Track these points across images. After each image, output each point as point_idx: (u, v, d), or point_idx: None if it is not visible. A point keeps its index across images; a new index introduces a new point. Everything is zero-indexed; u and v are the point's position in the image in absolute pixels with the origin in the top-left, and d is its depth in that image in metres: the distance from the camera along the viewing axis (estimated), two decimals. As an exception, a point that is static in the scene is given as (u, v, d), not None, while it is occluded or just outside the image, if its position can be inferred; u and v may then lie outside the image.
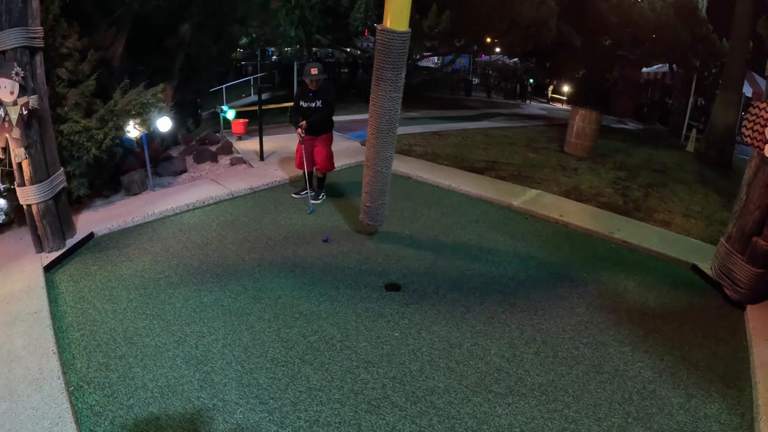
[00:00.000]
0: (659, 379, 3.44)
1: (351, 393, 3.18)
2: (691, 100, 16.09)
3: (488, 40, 17.88)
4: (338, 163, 8.34)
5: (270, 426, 2.89)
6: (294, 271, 4.74)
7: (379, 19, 14.73)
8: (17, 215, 5.29)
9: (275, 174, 7.60)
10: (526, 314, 4.18)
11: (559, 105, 24.26)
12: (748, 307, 4.38)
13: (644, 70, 23.07)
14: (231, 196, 6.62)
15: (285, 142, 9.88)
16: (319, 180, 6.71)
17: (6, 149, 4.41)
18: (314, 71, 5.95)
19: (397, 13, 4.56)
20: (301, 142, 6.32)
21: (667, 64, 19.08)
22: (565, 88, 24.52)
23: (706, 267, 5.03)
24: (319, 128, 6.27)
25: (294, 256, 5.07)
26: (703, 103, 18.71)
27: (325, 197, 6.78)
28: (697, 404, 3.22)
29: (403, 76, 4.85)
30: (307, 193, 6.62)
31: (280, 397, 3.12)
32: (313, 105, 6.15)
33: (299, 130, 6.12)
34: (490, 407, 3.09)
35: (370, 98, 4.94)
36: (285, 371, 3.36)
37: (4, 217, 5.17)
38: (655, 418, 3.06)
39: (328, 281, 4.58)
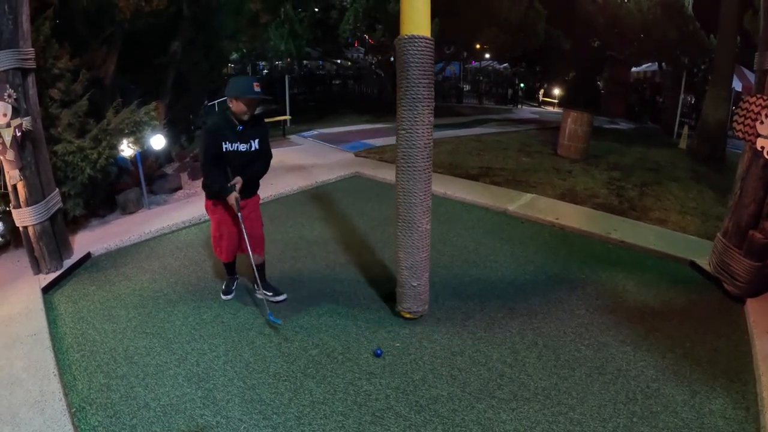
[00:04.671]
0: (662, 377, 3.43)
1: (354, 405, 3.16)
2: (681, 97, 16.18)
3: (477, 46, 17.96)
4: (334, 175, 8.43)
5: (274, 441, 2.87)
6: (293, 284, 4.72)
7: (369, 29, 14.88)
8: (14, 237, 5.28)
9: (269, 189, 7.59)
10: (526, 318, 4.17)
11: (550, 108, 24.39)
12: (748, 301, 4.38)
13: (634, 69, 23.21)
14: (227, 211, 6.61)
15: (277, 156, 9.78)
16: (260, 268, 4.37)
17: (0, 172, 4.41)
18: (258, 87, 3.71)
19: (424, 16, 3.61)
20: (234, 214, 3.97)
21: (656, 63, 19.21)
22: (556, 91, 24.65)
23: (704, 263, 5.04)
24: (256, 184, 4.20)
25: (292, 269, 5.06)
26: (694, 99, 18.83)
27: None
28: (702, 400, 3.21)
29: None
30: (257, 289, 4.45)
31: (283, 411, 3.10)
32: (247, 148, 3.85)
33: (234, 195, 3.81)
34: (495, 413, 3.08)
35: (400, 128, 3.84)
36: (287, 385, 3.34)
37: (0, 239, 5.16)
38: (660, 417, 3.05)
39: (327, 294, 4.57)
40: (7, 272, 4.92)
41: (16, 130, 4.22)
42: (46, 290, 4.54)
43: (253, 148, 3.87)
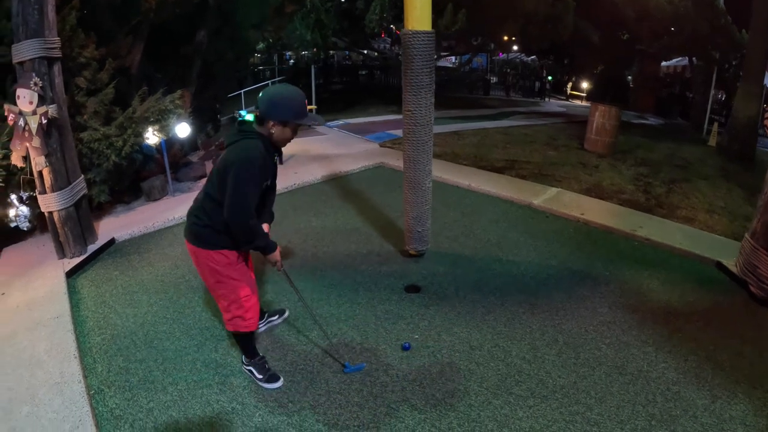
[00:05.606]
0: (683, 380, 3.34)
1: (370, 396, 3.15)
2: (711, 93, 15.78)
3: (505, 38, 17.74)
4: (358, 165, 8.41)
5: (288, 429, 2.88)
6: (314, 273, 4.74)
7: (396, 20, 14.78)
8: (40, 222, 5.38)
9: (294, 177, 7.62)
10: (547, 315, 4.10)
11: (578, 102, 24.02)
12: (775, 305, 4.25)
13: (663, 63, 22.71)
14: (249, 200, 6.63)
15: (302, 145, 9.94)
16: None
17: (27, 158, 4.50)
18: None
19: (425, 13, 4.22)
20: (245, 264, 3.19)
21: (687, 58, 18.76)
22: (585, 85, 24.25)
23: (730, 264, 4.89)
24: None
25: (313, 258, 5.07)
26: (724, 96, 18.37)
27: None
28: (722, 406, 3.12)
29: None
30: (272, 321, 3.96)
31: (299, 400, 3.11)
32: (272, 181, 3.06)
33: (279, 250, 3.07)
34: (511, 410, 3.04)
35: (405, 109, 4.51)
36: (304, 374, 3.35)
37: (27, 224, 5.26)
38: (679, 421, 2.98)
39: (347, 284, 4.57)
40: (33, 256, 5.03)
41: (42, 117, 4.29)
42: (70, 274, 4.63)
43: (273, 182, 3.10)
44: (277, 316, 3.98)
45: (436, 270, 4.83)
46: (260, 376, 3.26)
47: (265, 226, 3.14)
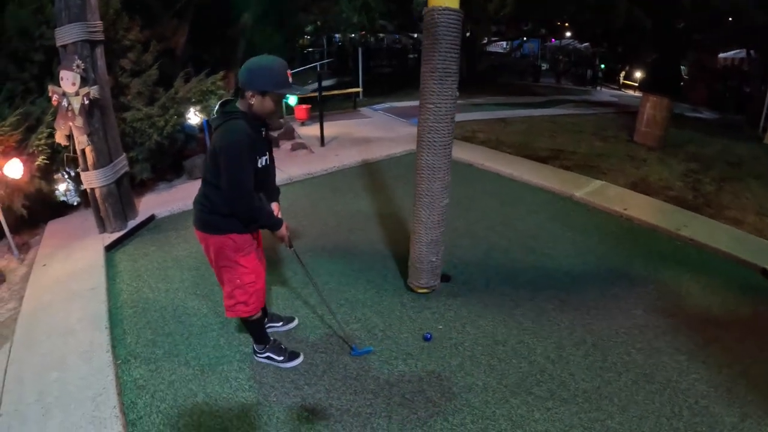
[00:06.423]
0: (714, 394, 3.16)
1: (386, 384, 3.14)
2: (769, 88, 14.89)
3: (558, 23, 17.24)
4: (399, 149, 8.43)
5: (301, 411, 2.91)
6: (345, 257, 4.75)
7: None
8: (85, 198, 5.59)
9: (335, 159, 7.67)
10: (578, 313, 3.98)
11: (631, 92, 23.16)
12: (822, 319, 3.98)
13: (721, 55, 21.60)
14: (289, 181, 6.72)
15: (346, 128, 9.96)
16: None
17: (70, 137, 4.66)
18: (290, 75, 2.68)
19: None
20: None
21: (745, 50, 17.80)
22: (638, 74, 23.35)
23: (778, 271, 4.64)
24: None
25: (346, 242, 5.09)
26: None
27: None
28: (751, 426, 2.93)
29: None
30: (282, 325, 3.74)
31: (315, 383, 3.13)
32: (267, 160, 2.90)
33: (286, 225, 3.05)
34: (528, 410, 2.97)
35: (426, 102, 3.76)
36: (323, 357, 3.37)
37: (77, 199, 5.46)
38: (703, 437, 2.83)
39: (377, 269, 4.56)
40: (76, 230, 5.24)
41: (85, 98, 4.44)
42: (109, 248, 4.81)
43: (269, 162, 2.96)
44: (281, 323, 3.72)
45: (469, 259, 4.76)
46: (280, 358, 3.29)
47: (275, 206, 3.09)
